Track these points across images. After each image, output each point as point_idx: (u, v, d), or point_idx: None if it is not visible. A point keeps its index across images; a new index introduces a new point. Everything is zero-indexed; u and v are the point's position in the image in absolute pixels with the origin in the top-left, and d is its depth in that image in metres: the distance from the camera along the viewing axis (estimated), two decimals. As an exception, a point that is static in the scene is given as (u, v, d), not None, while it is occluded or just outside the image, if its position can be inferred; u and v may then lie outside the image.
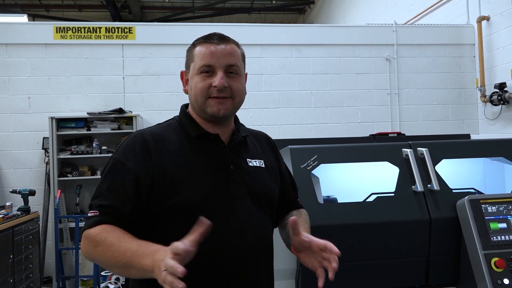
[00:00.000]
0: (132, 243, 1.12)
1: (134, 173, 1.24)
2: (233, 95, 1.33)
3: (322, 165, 1.95)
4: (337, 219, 1.82)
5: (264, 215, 1.38)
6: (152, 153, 1.27)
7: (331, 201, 2.04)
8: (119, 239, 1.14)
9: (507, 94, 5.24)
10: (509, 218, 1.81)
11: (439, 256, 1.90)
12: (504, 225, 1.80)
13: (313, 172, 1.94)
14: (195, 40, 1.40)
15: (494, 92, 5.43)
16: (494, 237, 1.77)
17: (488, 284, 1.69)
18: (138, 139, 1.30)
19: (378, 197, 1.91)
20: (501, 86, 5.31)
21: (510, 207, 1.83)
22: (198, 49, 1.35)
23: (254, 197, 1.34)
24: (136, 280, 1.28)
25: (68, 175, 5.02)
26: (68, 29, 5.28)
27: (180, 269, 0.93)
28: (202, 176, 1.28)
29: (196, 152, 1.32)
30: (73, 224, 4.89)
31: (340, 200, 2.00)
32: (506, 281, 1.69)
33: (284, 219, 1.50)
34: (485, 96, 5.67)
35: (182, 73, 1.44)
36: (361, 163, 2.05)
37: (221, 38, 1.36)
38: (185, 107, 1.45)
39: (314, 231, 1.78)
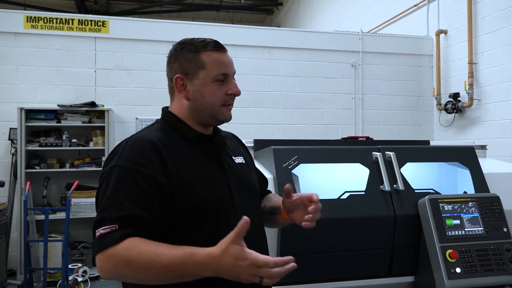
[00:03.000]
0: (173, 254, 1.09)
1: (153, 179, 1.20)
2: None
3: (301, 165, 2.14)
4: (315, 214, 2.02)
5: (257, 209, 1.48)
6: (165, 157, 1.26)
7: (307, 198, 2.23)
8: (157, 254, 1.09)
9: (460, 104, 5.68)
10: (462, 216, 2.08)
11: (401, 249, 2.14)
12: (457, 221, 2.06)
13: (292, 171, 2.12)
14: (196, 44, 1.36)
15: (448, 101, 5.87)
16: (449, 232, 2.03)
17: (443, 273, 1.94)
18: (147, 144, 1.26)
19: (350, 195, 2.12)
20: (455, 96, 5.75)
21: (463, 206, 2.10)
22: (210, 57, 1.34)
23: (246, 191, 1.42)
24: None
25: (36, 167, 4.96)
26: (40, 19, 5.21)
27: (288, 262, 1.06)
28: (208, 176, 1.33)
29: (197, 154, 1.36)
30: (39, 217, 4.86)
31: (317, 197, 2.19)
32: (458, 270, 1.95)
33: (262, 203, 1.59)
34: (440, 105, 6.11)
35: (177, 78, 1.36)
36: (336, 163, 2.26)
37: (223, 47, 1.39)
38: (167, 108, 1.45)
39: (293, 224, 1.97)
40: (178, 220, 1.24)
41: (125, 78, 5.47)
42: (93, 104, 5.11)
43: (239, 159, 1.48)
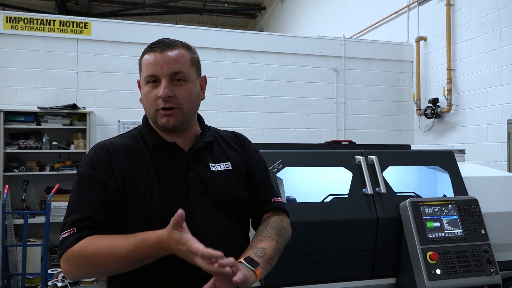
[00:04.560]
0: (126, 243, 1.14)
1: (105, 184, 1.25)
2: (181, 105, 1.30)
3: (285, 168, 2.17)
4: (299, 217, 2.04)
5: (230, 221, 1.34)
6: (114, 163, 1.28)
7: (291, 201, 2.25)
8: (111, 246, 1.15)
9: (439, 109, 5.81)
10: (442, 218, 2.13)
11: (383, 251, 2.18)
12: (438, 224, 2.11)
13: (277, 174, 2.14)
14: (144, 49, 1.35)
15: (428, 107, 5.99)
16: (430, 234, 2.07)
17: (423, 274, 1.99)
18: (101, 151, 1.31)
19: (334, 198, 2.15)
20: (434, 101, 5.88)
21: (443, 208, 2.15)
22: (145, 58, 1.31)
23: (217, 204, 1.32)
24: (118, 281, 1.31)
25: (15, 170, 4.87)
26: (20, 19, 5.12)
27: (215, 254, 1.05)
28: (161, 186, 1.28)
29: (155, 162, 1.31)
30: (17, 221, 4.76)
31: (301, 200, 2.22)
32: (438, 271, 2.00)
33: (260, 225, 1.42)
34: (420, 110, 6.23)
35: (138, 82, 1.40)
36: (320, 167, 2.29)
37: (167, 45, 1.30)
38: (146, 116, 1.43)
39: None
40: (127, 224, 1.27)
41: (107, 80, 5.42)
42: (74, 106, 5.04)
43: (220, 166, 1.38)
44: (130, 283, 1.28)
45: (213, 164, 1.37)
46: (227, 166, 1.39)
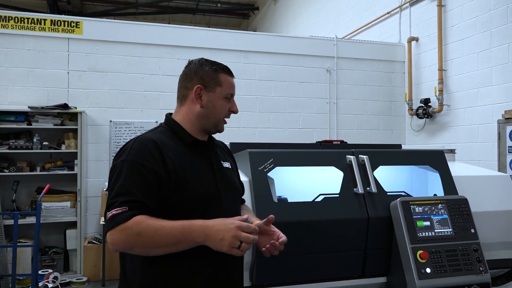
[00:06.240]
0: (174, 224, 1.37)
1: (155, 172, 1.45)
2: None
3: (276, 168, 2.16)
4: (290, 217, 2.04)
5: (237, 206, 1.71)
6: (165, 155, 1.50)
7: (282, 201, 2.25)
8: (162, 224, 1.36)
9: (430, 109, 5.85)
10: (432, 217, 2.14)
11: (374, 250, 2.18)
12: (428, 223, 2.12)
13: (268, 174, 2.14)
14: (215, 66, 1.64)
15: (420, 107, 6.03)
16: (420, 233, 2.09)
17: (414, 273, 2.00)
18: (150, 143, 1.51)
19: (325, 197, 2.16)
20: (426, 101, 5.91)
21: (433, 208, 2.16)
22: (225, 78, 1.63)
23: (231, 191, 1.67)
24: (134, 268, 1.51)
25: (5, 170, 4.82)
26: (10, 18, 5.08)
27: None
28: (200, 175, 1.56)
29: (192, 155, 1.59)
30: (7, 222, 4.72)
31: (292, 199, 2.22)
32: (428, 270, 2.01)
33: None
34: (412, 110, 6.27)
35: (197, 88, 1.61)
36: (311, 167, 2.29)
37: (232, 73, 1.70)
38: (169, 115, 1.69)
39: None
40: (173, 208, 1.47)
41: (99, 80, 5.38)
42: (65, 106, 5.01)
43: (226, 164, 1.71)
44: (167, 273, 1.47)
45: (222, 162, 1.70)
46: (229, 165, 1.73)
